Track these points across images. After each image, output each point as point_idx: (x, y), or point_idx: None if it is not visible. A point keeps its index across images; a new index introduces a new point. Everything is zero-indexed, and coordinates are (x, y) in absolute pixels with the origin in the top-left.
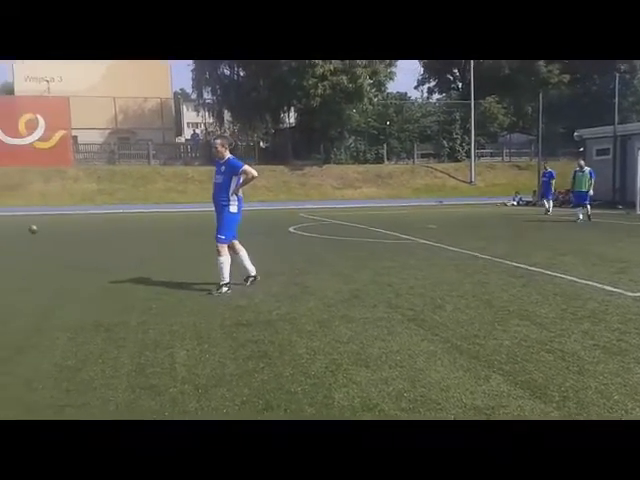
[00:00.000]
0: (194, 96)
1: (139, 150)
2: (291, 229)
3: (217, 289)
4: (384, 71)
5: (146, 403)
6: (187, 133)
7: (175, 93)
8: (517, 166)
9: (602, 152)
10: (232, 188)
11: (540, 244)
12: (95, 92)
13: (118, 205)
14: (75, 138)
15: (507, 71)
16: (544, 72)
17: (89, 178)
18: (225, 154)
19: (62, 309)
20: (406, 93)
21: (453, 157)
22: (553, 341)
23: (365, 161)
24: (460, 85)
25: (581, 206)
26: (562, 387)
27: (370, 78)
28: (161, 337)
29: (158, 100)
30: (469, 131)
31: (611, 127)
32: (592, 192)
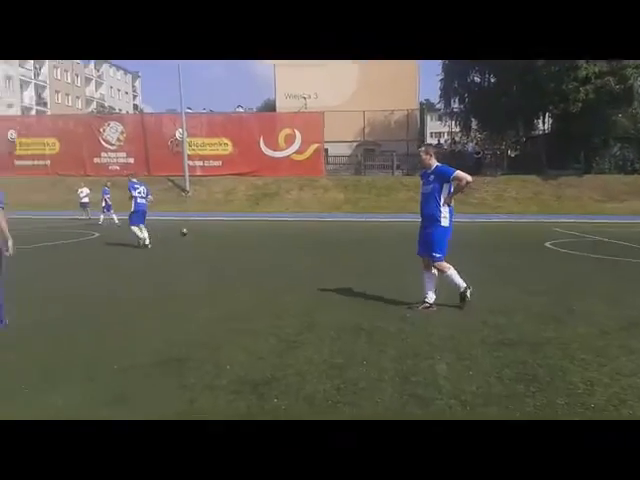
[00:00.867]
0: (440, 105)
1: (384, 161)
2: (547, 244)
3: (462, 299)
4: None
5: (414, 411)
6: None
7: (420, 104)
8: None
9: None
10: (443, 198)
11: None
12: (346, 107)
13: (360, 214)
14: (326, 151)
15: None
16: None
17: (337, 188)
18: (432, 162)
19: (324, 310)
20: None
21: None
22: None
23: (633, 171)
24: None
25: None
26: None
27: None
28: (420, 346)
29: (404, 112)
30: None
31: None
32: None
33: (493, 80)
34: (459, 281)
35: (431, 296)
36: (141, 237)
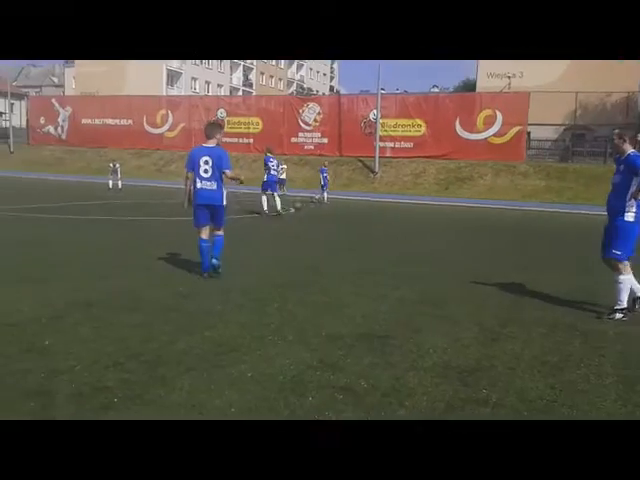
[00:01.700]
0: None
1: (595, 148)
2: None
3: (609, 314)
4: None
5: None
6: None
7: None
8: None
9: None
10: (631, 191)
11: None
12: (554, 87)
13: (564, 204)
14: (528, 134)
15: None
16: None
17: (538, 175)
18: (625, 148)
19: (530, 304)
20: None
21: None
22: None
23: None
24: None
25: None
26: None
27: None
28: None
29: (624, 95)
30: None
31: None
32: None
33: None
34: (623, 297)
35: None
36: (265, 207)
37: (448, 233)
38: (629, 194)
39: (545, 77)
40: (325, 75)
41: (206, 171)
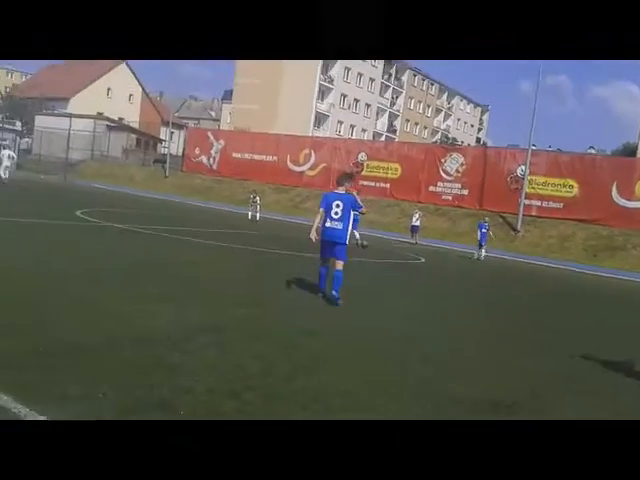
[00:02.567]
0: None
1: None
2: None
3: None
4: None
5: None
6: None
7: None
8: None
9: None
10: None
11: None
12: None
13: None
14: None
15: None
16: None
17: None
18: None
19: None
20: None
21: None
22: None
23: None
24: None
25: None
26: None
27: None
28: None
29: None
30: None
31: None
32: None
33: None
34: None
35: None
36: (357, 237)
37: (592, 304)
38: None
39: None
40: (473, 126)
41: (336, 213)
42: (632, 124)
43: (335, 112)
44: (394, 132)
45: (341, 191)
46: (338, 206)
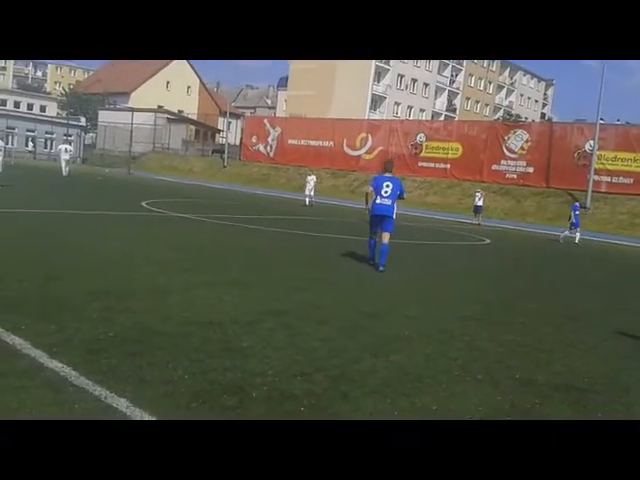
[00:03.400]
0: None
1: None
2: None
3: None
4: None
5: None
6: None
7: None
8: None
9: None
10: None
11: None
12: None
13: None
14: None
15: None
16: None
17: None
18: None
19: None
20: None
21: None
22: None
23: None
24: None
25: None
26: None
27: None
28: None
29: None
30: None
31: None
32: None
33: None
34: None
35: None
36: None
37: None
38: None
39: None
40: (537, 102)
41: (386, 192)
42: None
43: (392, 93)
44: (454, 111)
45: (388, 174)
46: (388, 186)
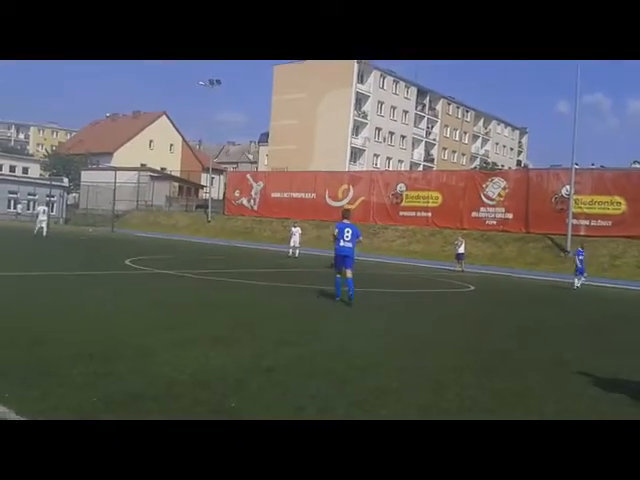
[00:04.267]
0: None
1: None
2: None
3: None
4: None
5: None
6: None
7: None
8: None
9: None
10: None
11: None
12: None
13: None
14: None
15: None
16: None
17: None
18: None
19: None
20: None
21: None
22: None
23: None
24: None
25: None
26: None
27: None
28: None
29: None
30: None
31: None
32: None
33: None
34: None
35: None
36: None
37: None
38: None
39: None
40: (512, 149)
41: (347, 237)
42: None
43: (371, 146)
44: (431, 161)
45: (347, 222)
46: (348, 232)
